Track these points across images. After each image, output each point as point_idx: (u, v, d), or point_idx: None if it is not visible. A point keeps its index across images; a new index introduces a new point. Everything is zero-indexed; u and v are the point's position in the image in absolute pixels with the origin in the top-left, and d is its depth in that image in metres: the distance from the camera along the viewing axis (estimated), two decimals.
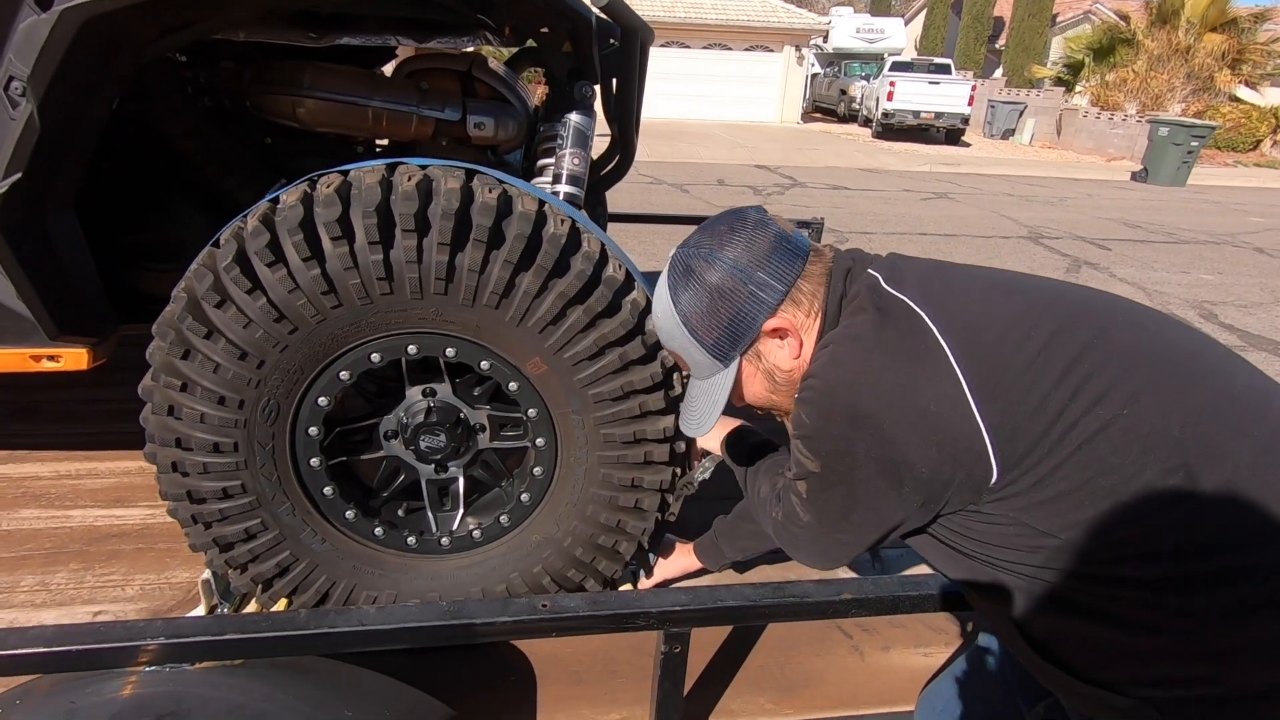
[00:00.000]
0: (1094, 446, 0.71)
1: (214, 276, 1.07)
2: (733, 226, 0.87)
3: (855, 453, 0.78)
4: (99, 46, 1.12)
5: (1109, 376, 0.73)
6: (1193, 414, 0.72)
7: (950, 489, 0.76)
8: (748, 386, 0.94)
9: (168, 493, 1.23)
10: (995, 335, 0.76)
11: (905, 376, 0.76)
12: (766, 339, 0.88)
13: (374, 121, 1.58)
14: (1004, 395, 0.73)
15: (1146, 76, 16.20)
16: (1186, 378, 0.75)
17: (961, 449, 0.74)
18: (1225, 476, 0.70)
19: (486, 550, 1.36)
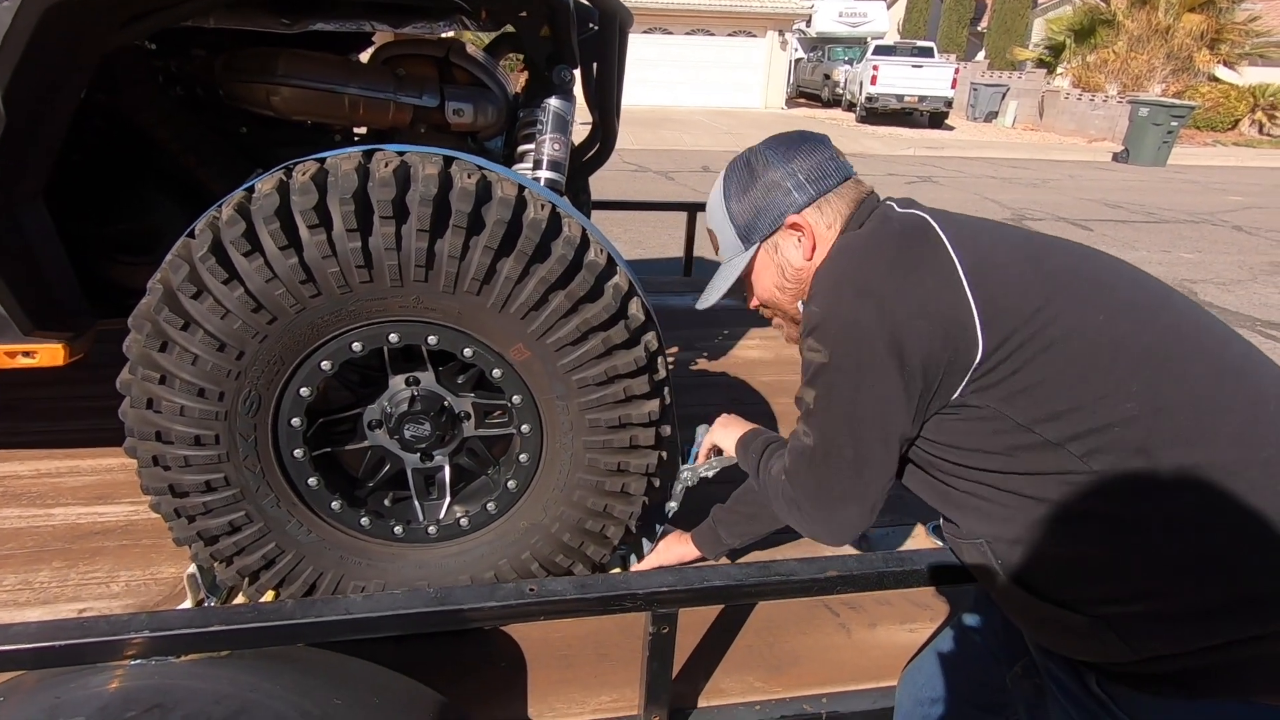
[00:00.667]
0: (1070, 343, 0.78)
1: (190, 267, 1.06)
2: (793, 138, 1.00)
3: (863, 324, 0.83)
4: (63, 34, 1.10)
5: (1091, 288, 0.82)
6: (1159, 334, 0.79)
7: (940, 371, 0.82)
8: (760, 275, 1.04)
9: (149, 487, 1.21)
10: (990, 242, 0.87)
11: (906, 256, 0.85)
12: (786, 233, 0.98)
13: (350, 109, 1.56)
14: (993, 282, 0.81)
15: (1127, 57, 16.28)
16: (1157, 309, 0.83)
17: (952, 323, 0.80)
18: (1184, 389, 0.76)
19: (474, 538, 1.36)
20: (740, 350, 2.90)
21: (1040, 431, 0.78)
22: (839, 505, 0.93)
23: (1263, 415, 0.75)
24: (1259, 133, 15.87)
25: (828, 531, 0.97)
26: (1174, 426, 0.74)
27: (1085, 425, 0.76)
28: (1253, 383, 0.77)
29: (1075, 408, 0.77)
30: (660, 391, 1.23)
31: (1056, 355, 0.78)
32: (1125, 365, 0.77)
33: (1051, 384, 0.78)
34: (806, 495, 0.96)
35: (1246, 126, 15.98)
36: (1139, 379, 0.76)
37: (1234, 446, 0.73)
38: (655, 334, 1.22)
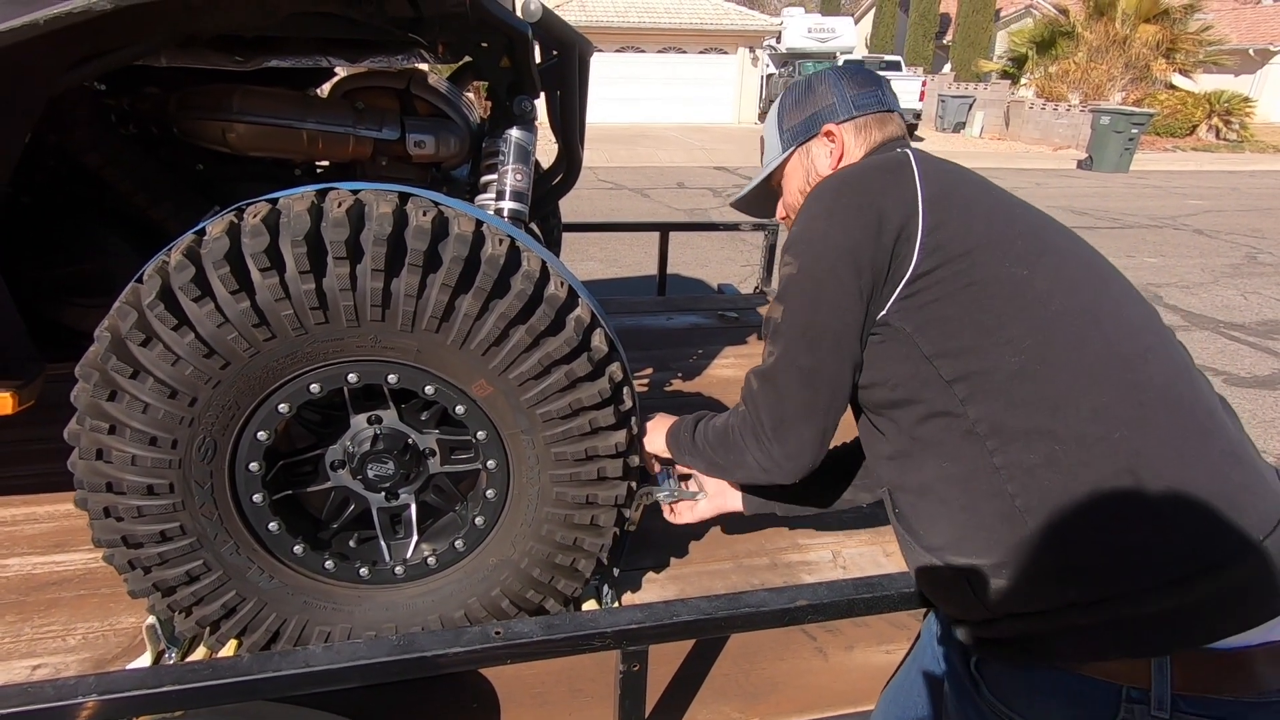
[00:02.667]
0: (988, 287, 0.82)
1: (138, 314, 1.03)
2: (858, 69, 1.12)
3: (829, 238, 0.89)
4: (5, 79, 1.08)
5: (1029, 245, 0.86)
6: (1073, 304, 0.82)
7: (883, 278, 0.87)
8: (790, 178, 1.14)
9: (101, 539, 1.18)
10: (958, 184, 0.92)
11: (876, 181, 0.92)
12: (821, 140, 1.08)
13: (309, 144, 1.54)
14: (945, 214, 0.87)
15: (1087, 67, 16.76)
16: (1081, 282, 0.86)
17: (900, 236, 0.86)
18: (1070, 357, 0.79)
19: (443, 576, 1.34)
20: (714, 370, 2.89)
21: (938, 366, 0.82)
22: (793, 425, 0.95)
23: (1136, 400, 0.76)
24: (1216, 137, 16.37)
25: (784, 455, 0.98)
26: (1044, 389, 0.78)
27: (972, 367, 0.80)
28: (1142, 370, 0.78)
29: (971, 348, 0.81)
30: (627, 422, 1.22)
31: (974, 295, 0.82)
32: (1027, 321, 0.80)
33: (960, 321, 0.82)
34: (765, 413, 0.98)
35: (1204, 132, 16.48)
36: (1034, 336, 0.79)
37: (1091, 422, 0.75)
38: (620, 364, 1.22)
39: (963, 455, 0.81)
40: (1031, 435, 0.76)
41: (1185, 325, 4.90)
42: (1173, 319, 5.00)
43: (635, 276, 5.26)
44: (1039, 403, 0.77)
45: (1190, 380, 0.80)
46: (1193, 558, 0.68)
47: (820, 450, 0.97)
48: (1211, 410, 0.78)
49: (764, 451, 0.99)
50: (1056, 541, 0.73)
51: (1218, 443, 0.75)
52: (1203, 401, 0.78)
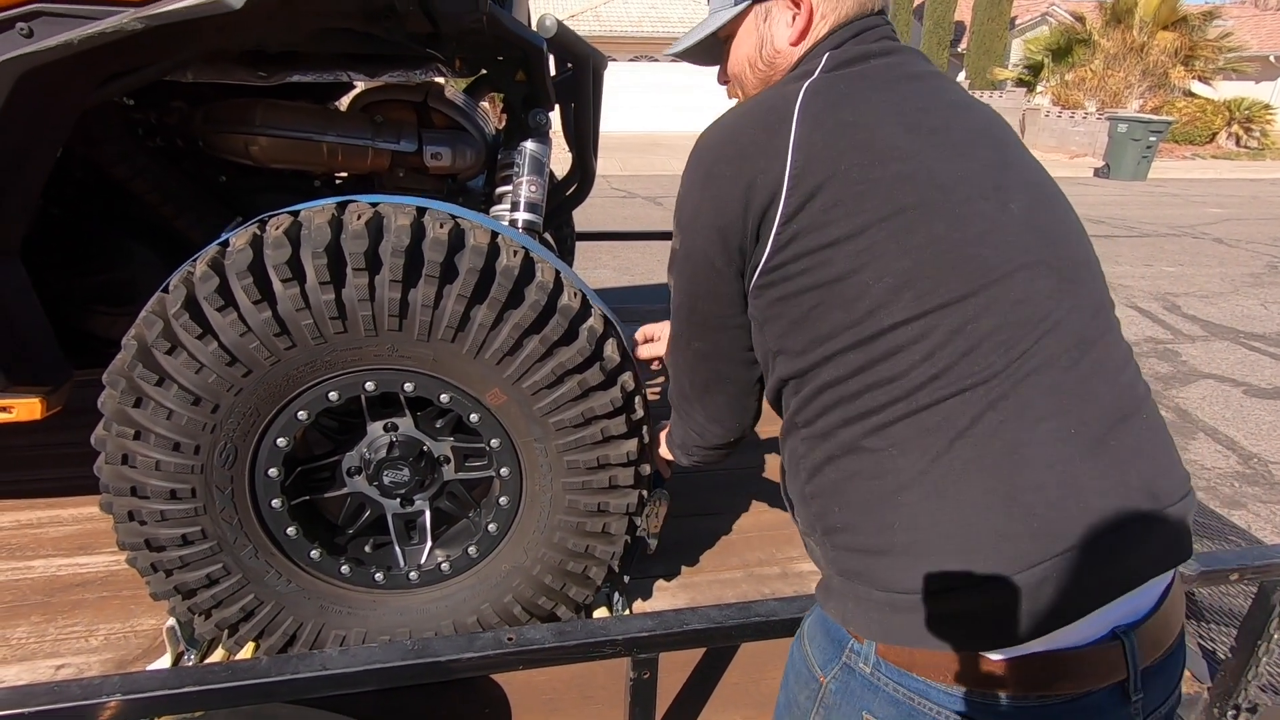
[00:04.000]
0: (831, 291, 0.74)
1: (164, 323, 1.06)
2: None
3: (701, 211, 0.82)
4: (40, 96, 1.11)
5: (905, 228, 0.73)
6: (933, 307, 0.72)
7: (748, 259, 0.80)
8: (740, 42, 0.94)
9: (125, 542, 1.21)
10: (844, 160, 0.75)
11: (753, 133, 0.79)
12: (784, 3, 0.88)
13: (329, 156, 1.58)
14: (808, 201, 0.74)
15: (1104, 75, 16.63)
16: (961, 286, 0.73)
17: (765, 215, 0.76)
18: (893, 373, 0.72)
19: (456, 582, 1.35)
20: None
21: (777, 360, 0.81)
22: (706, 393, 0.95)
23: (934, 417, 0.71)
24: (1236, 145, 16.18)
25: (707, 419, 0.98)
26: (854, 403, 0.74)
27: (801, 368, 0.78)
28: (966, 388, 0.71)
29: (802, 352, 0.77)
30: (639, 431, 1.23)
31: (816, 298, 0.75)
32: (856, 333, 0.73)
33: (797, 324, 0.77)
34: (678, 386, 0.98)
35: (1224, 139, 16.29)
36: (860, 352, 0.73)
37: (872, 436, 0.73)
38: (632, 374, 1.23)
39: (788, 434, 0.84)
40: (827, 437, 0.77)
41: (1205, 335, 4.84)
42: (1191, 329, 4.94)
43: (648, 284, 5.28)
44: (840, 411, 0.76)
45: (1021, 411, 0.71)
46: (911, 582, 0.70)
47: (740, 412, 0.96)
48: (1018, 447, 0.71)
49: (691, 418, 1.01)
50: (827, 530, 0.78)
51: (996, 483, 0.70)
52: (1010, 437, 0.71)
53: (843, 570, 0.76)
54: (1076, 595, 0.68)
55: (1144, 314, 5.22)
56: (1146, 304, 5.41)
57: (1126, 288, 5.75)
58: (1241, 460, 3.26)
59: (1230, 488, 3.04)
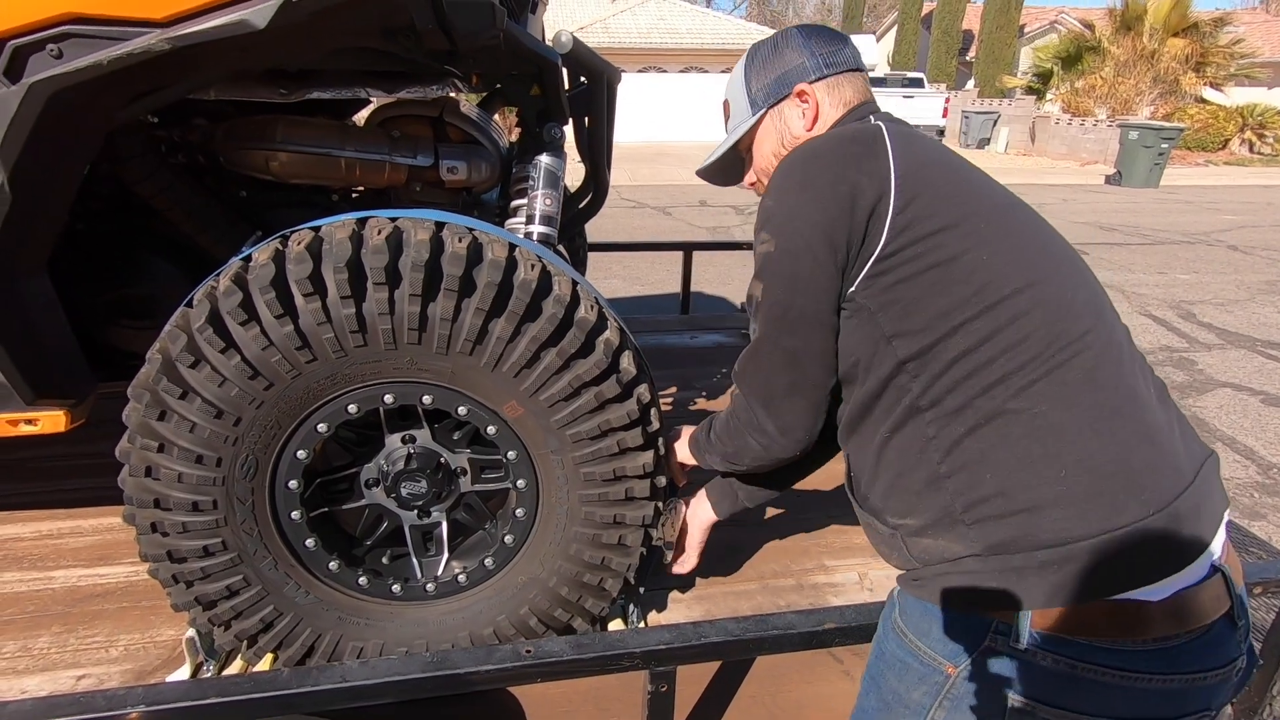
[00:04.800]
0: (949, 269, 0.84)
1: (188, 337, 1.08)
2: (820, 28, 1.10)
3: (803, 215, 0.89)
4: (69, 116, 1.14)
5: (990, 228, 0.87)
6: (1024, 289, 0.83)
7: (855, 255, 0.88)
8: (762, 142, 1.10)
9: (148, 554, 1.22)
10: (931, 161, 0.92)
11: (849, 154, 0.91)
12: (793, 101, 1.05)
13: (347, 171, 1.60)
14: (916, 192, 0.87)
15: (1114, 82, 16.59)
16: (1046, 263, 0.87)
17: (872, 214, 0.87)
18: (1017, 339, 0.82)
19: (472, 594, 1.36)
20: None
21: (895, 345, 0.86)
22: (786, 398, 0.99)
23: (1061, 379, 0.81)
24: (1249, 151, 16.06)
25: (779, 429, 1.01)
26: (983, 370, 0.82)
27: (925, 346, 0.84)
28: (1074, 353, 0.82)
29: (927, 328, 0.84)
30: (654, 443, 1.23)
31: (936, 277, 0.84)
32: (980, 304, 0.83)
33: (920, 302, 0.85)
34: (755, 393, 1.01)
35: (1237, 146, 16.18)
36: (984, 320, 0.82)
37: (1015, 398, 0.81)
38: (648, 385, 1.24)
39: (904, 425, 0.87)
40: (964, 410, 0.83)
41: (1220, 344, 4.79)
42: (1208, 337, 4.89)
43: (658, 294, 5.29)
44: (975, 381, 0.82)
45: (1118, 364, 0.84)
46: (1083, 525, 0.76)
47: (814, 422, 1.00)
48: (1133, 393, 0.82)
49: (760, 430, 1.03)
50: (970, 504, 0.82)
51: (1133, 423, 0.80)
52: (1125, 384, 0.83)
53: (991, 545, 0.79)
54: (1211, 519, 0.79)
55: (1159, 322, 5.17)
56: (1161, 312, 5.36)
57: (1140, 295, 5.71)
58: (1261, 470, 3.22)
59: (1250, 498, 3.00)
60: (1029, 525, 0.78)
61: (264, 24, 1.12)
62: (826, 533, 1.90)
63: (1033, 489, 0.78)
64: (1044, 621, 0.76)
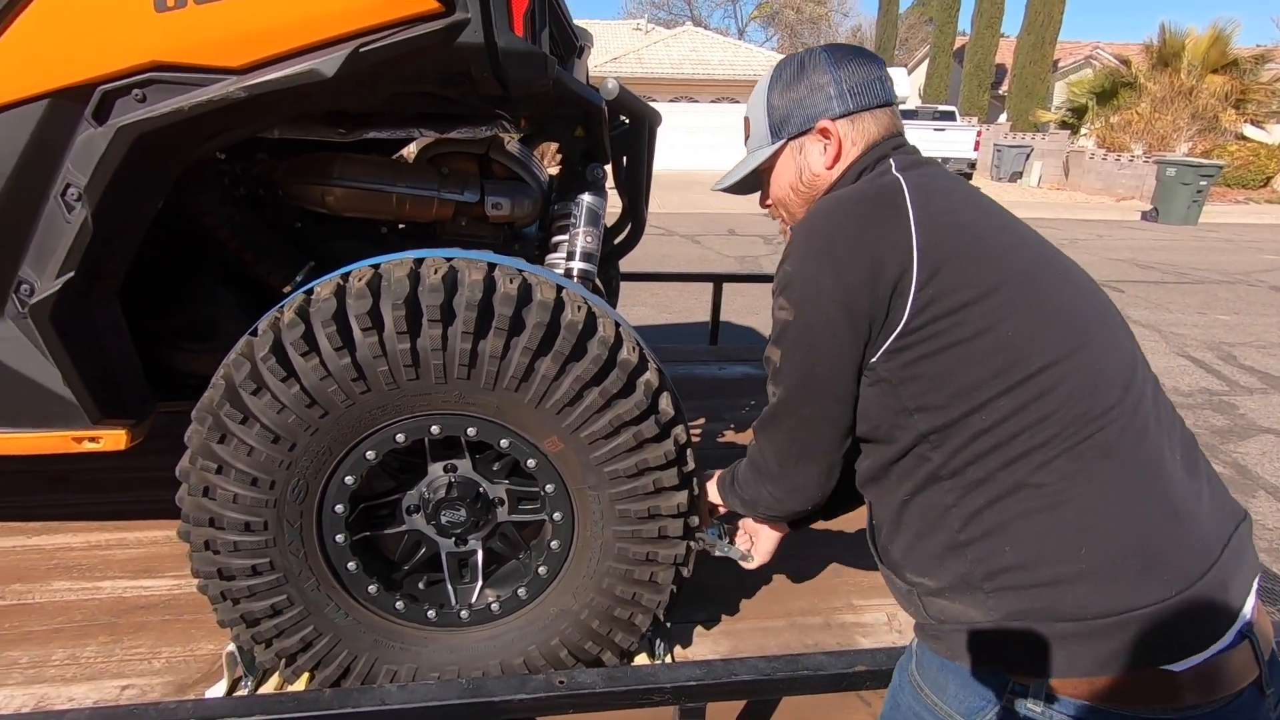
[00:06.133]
0: (972, 346, 0.83)
1: (251, 365, 1.14)
2: (850, 50, 1.04)
3: (821, 285, 0.88)
4: (151, 155, 1.22)
5: (1017, 296, 0.84)
6: (1050, 362, 0.82)
7: (878, 328, 0.87)
8: (780, 173, 1.07)
9: (199, 570, 1.27)
10: (958, 223, 0.89)
11: (870, 222, 0.89)
12: (815, 136, 1.01)
13: (398, 206, 1.67)
14: (940, 263, 0.84)
15: (1151, 118, 16.41)
16: (1076, 335, 0.85)
17: (894, 290, 0.85)
18: (1040, 415, 0.81)
19: (505, 623, 1.38)
20: None
21: (916, 418, 0.86)
22: (799, 462, 0.99)
23: (1084, 456, 0.80)
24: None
25: (791, 489, 1.02)
26: (1006, 445, 0.81)
27: (947, 421, 0.84)
28: (1098, 427, 0.81)
29: (948, 405, 0.84)
30: (689, 484, 1.26)
31: (959, 354, 0.83)
32: (1003, 382, 0.81)
33: (942, 379, 0.84)
34: (772, 452, 1.02)
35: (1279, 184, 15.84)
36: (1008, 398, 0.81)
37: (1038, 472, 0.80)
38: (684, 427, 1.27)
39: (924, 490, 0.88)
40: (985, 482, 0.82)
41: (1263, 388, 4.67)
42: (1249, 380, 4.78)
43: (686, 323, 5.33)
44: (997, 456, 0.82)
45: (1142, 436, 0.82)
46: (1103, 603, 0.76)
47: (827, 483, 1.00)
48: (1157, 466, 0.81)
49: (775, 486, 1.04)
50: (990, 574, 0.82)
51: (1156, 501, 0.80)
52: (1149, 458, 0.81)
53: (1010, 614, 0.79)
54: (1239, 589, 0.79)
55: (1198, 364, 5.06)
56: (1200, 354, 5.25)
57: (1179, 336, 5.60)
58: None
59: None
60: (1048, 598, 0.78)
61: (332, 73, 1.19)
62: (855, 571, 1.90)
63: (1052, 564, 0.78)
64: (1063, 687, 0.76)
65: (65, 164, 1.23)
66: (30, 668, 1.57)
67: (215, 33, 1.18)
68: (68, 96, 1.20)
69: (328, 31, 1.20)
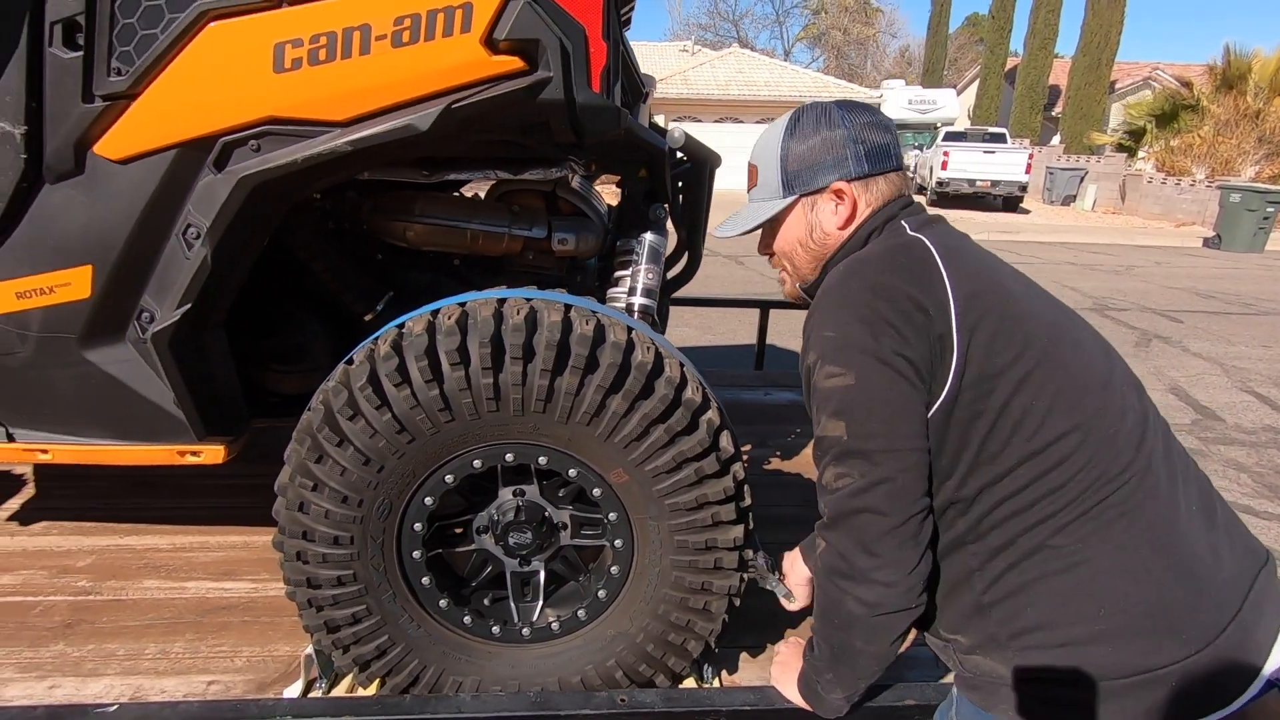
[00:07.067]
0: (996, 418, 0.85)
1: (348, 392, 1.25)
2: (865, 110, 1.03)
3: (877, 336, 0.86)
4: (264, 200, 1.35)
5: (1039, 361, 0.85)
6: (1070, 427, 0.84)
7: (927, 382, 0.87)
8: (789, 228, 1.06)
9: (290, 578, 1.38)
10: (984, 300, 0.88)
11: (904, 271, 0.89)
12: (828, 196, 1.01)
13: (471, 241, 1.78)
14: (974, 329, 0.85)
15: (1214, 141, 15.88)
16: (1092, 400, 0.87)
17: (940, 349, 0.86)
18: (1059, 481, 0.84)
19: (564, 642, 1.46)
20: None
21: (941, 484, 0.88)
22: (894, 544, 0.86)
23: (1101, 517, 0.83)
24: None
25: (887, 582, 0.87)
26: (1025, 513, 0.85)
27: (969, 491, 0.87)
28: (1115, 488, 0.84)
29: (970, 474, 0.86)
30: (746, 518, 1.32)
31: (983, 425, 0.85)
32: (1023, 449, 0.84)
33: (966, 448, 0.86)
34: (855, 543, 0.87)
35: None
36: (1027, 466, 0.84)
37: (1056, 535, 0.84)
38: (741, 464, 1.33)
39: (950, 554, 0.91)
40: (1007, 547, 0.86)
41: None
42: None
43: (729, 345, 5.37)
44: (1018, 521, 0.85)
45: (1155, 495, 0.84)
46: (1121, 664, 0.79)
47: (929, 558, 0.89)
48: (1172, 523, 0.83)
49: (867, 586, 0.88)
50: (1014, 634, 0.85)
51: (1172, 558, 0.82)
52: (1163, 515, 0.84)
53: (1036, 672, 0.83)
54: (1263, 639, 0.81)
55: (1263, 400, 4.89)
56: (1265, 389, 5.06)
57: (1242, 370, 5.41)
58: None
59: None
60: (1070, 658, 0.81)
61: (427, 127, 1.31)
62: None
63: (1072, 625, 0.82)
64: None
65: (187, 206, 1.37)
66: (126, 659, 1.70)
67: (324, 91, 1.31)
68: (194, 146, 1.34)
69: (423, 89, 1.32)
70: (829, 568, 0.92)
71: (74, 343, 1.45)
